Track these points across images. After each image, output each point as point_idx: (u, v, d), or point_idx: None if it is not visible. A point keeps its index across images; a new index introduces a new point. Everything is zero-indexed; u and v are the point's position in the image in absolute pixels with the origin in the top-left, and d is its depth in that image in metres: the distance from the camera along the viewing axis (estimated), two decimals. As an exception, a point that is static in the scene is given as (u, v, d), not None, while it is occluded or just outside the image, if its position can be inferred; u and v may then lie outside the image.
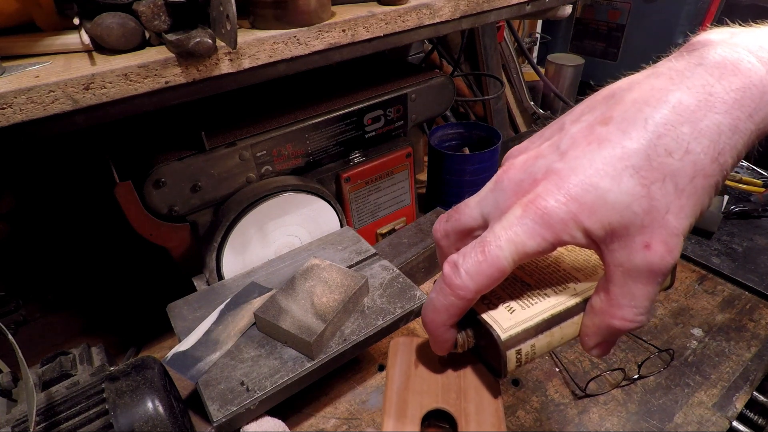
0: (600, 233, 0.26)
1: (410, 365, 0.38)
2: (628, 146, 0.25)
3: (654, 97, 0.25)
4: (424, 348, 0.39)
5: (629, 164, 0.25)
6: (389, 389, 0.36)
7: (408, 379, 0.37)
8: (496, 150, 0.83)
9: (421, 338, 0.40)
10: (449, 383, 0.36)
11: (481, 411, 0.34)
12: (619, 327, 0.27)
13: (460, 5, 0.59)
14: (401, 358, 0.38)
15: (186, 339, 0.55)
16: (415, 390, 0.36)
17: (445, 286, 0.29)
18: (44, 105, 0.37)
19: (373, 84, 0.74)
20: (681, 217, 0.25)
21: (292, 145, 0.65)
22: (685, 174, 0.24)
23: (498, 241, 0.27)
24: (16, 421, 0.41)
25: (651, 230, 0.25)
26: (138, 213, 0.56)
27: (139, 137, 0.63)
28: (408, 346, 0.39)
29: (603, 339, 0.29)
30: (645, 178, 0.24)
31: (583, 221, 0.25)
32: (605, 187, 0.25)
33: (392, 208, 0.82)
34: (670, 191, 0.24)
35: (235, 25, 0.40)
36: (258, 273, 0.65)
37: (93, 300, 0.78)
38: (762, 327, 0.68)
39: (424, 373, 0.37)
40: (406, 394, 0.35)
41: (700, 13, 1.28)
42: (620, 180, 0.25)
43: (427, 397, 0.35)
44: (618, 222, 0.25)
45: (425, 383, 0.36)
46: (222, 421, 0.48)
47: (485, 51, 1.10)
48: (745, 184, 0.97)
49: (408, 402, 0.35)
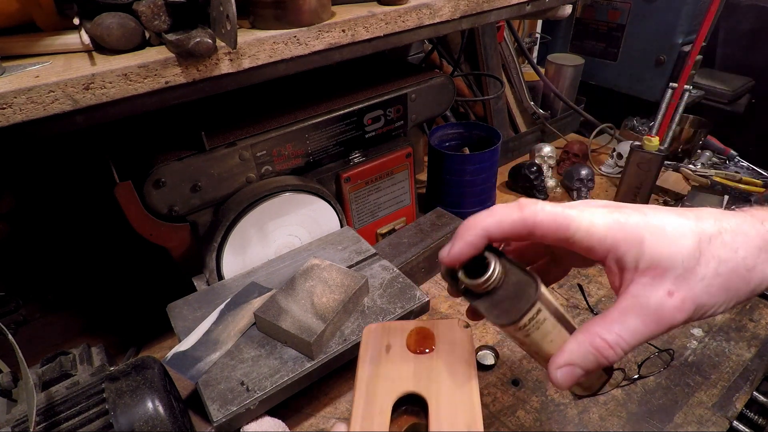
0: (640, 264, 0.29)
1: (381, 351, 0.36)
2: (700, 224, 0.30)
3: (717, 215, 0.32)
4: (397, 333, 0.37)
5: (696, 231, 0.29)
6: (359, 378, 0.34)
7: (379, 366, 0.35)
8: (496, 150, 0.83)
9: (393, 323, 0.39)
10: (421, 367, 0.35)
11: (454, 392, 0.33)
12: (597, 346, 0.29)
13: (460, 5, 0.59)
14: (373, 345, 0.37)
15: (186, 339, 0.55)
16: (387, 376, 0.34)
17: (518, 205, 0.31)
18: (44, 105, 0.37)
19: (373, 84, 0.73)
20: (707, 292, 0.29)
21: (292, 145, 0.65)
22: (727, 262, 0.29)
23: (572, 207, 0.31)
24: (16, 421, 0.41)
25: (681, 284, 0.28)
26: (138, 213, 0.56)
27: (139, 137, 0.63)
28: (379, 332, 0.38)
29: (574, 360, 0.30)
30: (701, 245, 0.29)
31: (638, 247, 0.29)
32: (669, 229, 0.29)
33: (392, 208, 0.82)
34: (712, 269, 0.29)
35: (235, 25, 0.40)
36: (258, 273, 0.65)
37: (93, 300, 0.78)
38: (762, 327, 0.68)
39: (396, 358, 0.36)
40: (376, 381, 0.34)
41: (700, 13, 1.28)
42: (683, 233, 0.29)
43: (399, 383, 0.34)
44: (663, 261, 0.28)
45: (396, 368, 0.35)
46: (222, 421, 0.48)
47: (485, 51, 1.10)
48: (745, 184, 0.97)
49: (378, 389, 0.33)
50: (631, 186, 0.90)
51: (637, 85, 1.44)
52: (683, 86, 0.96)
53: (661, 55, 1.35)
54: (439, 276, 0.80)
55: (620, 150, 1.07)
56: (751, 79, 1.42)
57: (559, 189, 1.03)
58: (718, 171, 1.02)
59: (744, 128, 1.42)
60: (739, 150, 1.12)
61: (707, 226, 0.30)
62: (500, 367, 0.64)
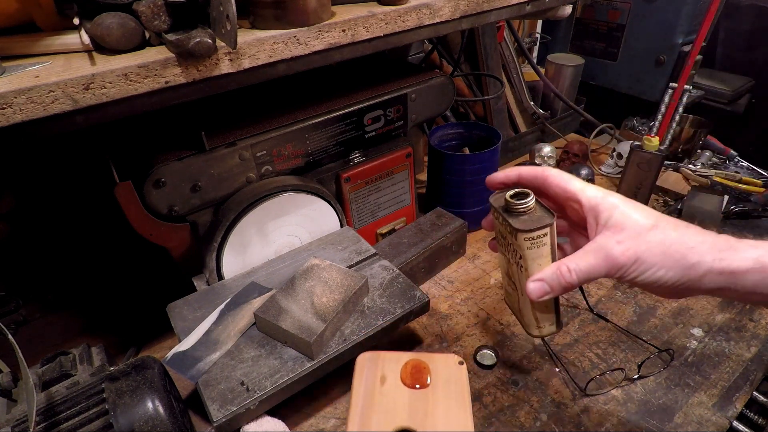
0: (608, 223, 0.41)
1: (375, 382, 0.37)
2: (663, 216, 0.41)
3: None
4: (391, 364, 0.37)
5: (657, 216, 0.41)
6: (353, 408, 0.35)
7: (373, 397, 0.35)
8: (496, 150, 0.83)
9: (388, 353, 0.39)
10: (417, 402, 0.35)
11: (449, 429, 0.33)
12: (561, 271, 0.41)
13: (460, 5, 0.59)
14: (367, 375, 0.37)
15: (186, 339, 0.55)
16: (381, 408, 0.34)
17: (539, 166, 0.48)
18: (44, 105, 0.37)
19: (373, 84, 0.74)
20: (647, 251, 0.39)
21: (292, 145, 0.65)
22: (671, 239, 0.39)
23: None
24: (16, 421, 0.41)
25: (630, 240, 0.39)
26: (138, 213, 0.56)
27: (139, 137, 0.63)
28: (374, 361, 0.38)
29: (545, 278, 0.42)
30: (657, 223, 0.40)
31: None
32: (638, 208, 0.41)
33: (392, 208, 0.82)
34: (657, 238, 0.39)
35: (235, 25, 0.40)
36: (258, 273, 0.65)
37: (93, 300, 0.78)
38: (762, 327, 0.68)
39: (391, 390, 0.36)
40: (370, 413, 0.34)
41: (700, 13, 1.28)
42: (647, 215, 0.40)
43: (393, 417, 0.34)
44: (623, 223, 0.40)
45: (391, 401, 0.35)
46: (222, 421, 0.48)
47: (485, 51, 1.10)
48: (745, 184, 0.97)
49: (372, 421, 0.34)
50: (631, 186, 0.90)
51: (637, 85, 1.44)
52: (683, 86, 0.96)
53: (661, 55, 1.35)
54: (439, 276, 0.80)
55: (620, 150, 1.07)
56: (751, 79, 1.42)
57: (559, 189, 1.03)
58: (718, 171, 1.02)
59: (744, 128, 1.42)
60: (739, 150, 1.12)
61: (670, 219, 0.41)
62: (500, 367, 0.64)
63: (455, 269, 0.82)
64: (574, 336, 0.68)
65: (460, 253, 0.85)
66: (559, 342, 0.67)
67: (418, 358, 0.38)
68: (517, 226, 0.43)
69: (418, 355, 0.38)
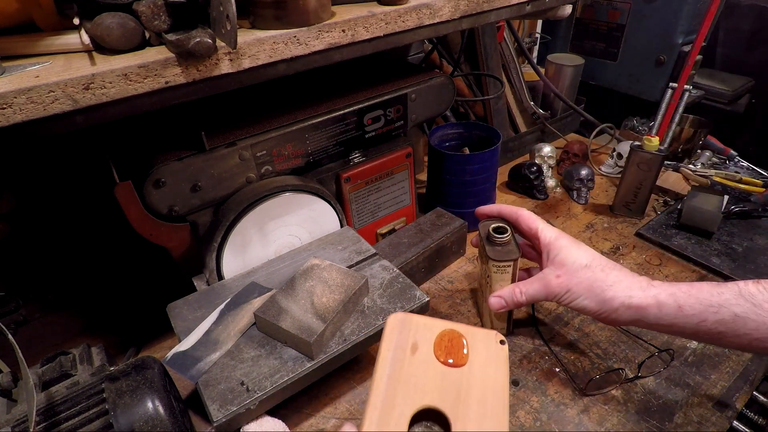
0: (555, 260, 0.56)
1: (406, 351, 0.31)
2: (598, 258, 0.56)
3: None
4: (426, 332, 0.32)
5: (593, 257, 0.55)
6: (378, 377, 0.29)
7: (402, 368, 0.30)
8: (496, 150, 0.83)
9: (422, 318, 0.33)
10: (450, 379, 0.30)
11: (482, 421, 0.28)
12: (514, 291, 0.58)
13: (460, 5, 0.59)
14: (398, 340, 0.32)
15: (186, 339, 0.55)
16: (409, 381, 0.29)
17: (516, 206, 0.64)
18: (44, 105, 0.37)
19: (373, 84, 0.74)
20: (577, 284, 0.54)
21: (292, 145, 0.65)
22: (596, 278, 0.53)
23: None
24: (16, 421, 0.41)
25: (565, 275, 0.54)
26: (138, 213, 0.56)
27: (139, 137, 0.63)
28: (406, 325, 0.33)
29: (503, 295, 0.59)
30: (591, 264, 0.54)
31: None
32: (581, 250, 0.56)
33: (392, 208, 0.82)
34: (586, 276, 0.54)
35: (235, 25, 0.40)
36: (258, 273, 0.65)
37: (93, 300, 0.78)
38: (762, 327, 0.68)
39: (423, 361, 0.31)
40: (396, 386, 0.29)
41: (700, 13, 1.28)
42: (585, 256, 0.55)
43: (422, 393, 0.29)
44: (564, 261, 0.55)
45: (422, 374, 0.30)
46: (222, 421, 0.48)
47: (485, 51, 1.10)
48: (745, 184, 0.97)
49: (397, 394, 0.29)
50: (631, 186, 0.90)
51: (637, 85, 1.44)
52: (683, 86, 0.96)
53: (661, 55, 1.35)
54: (439, 276, 0.80)
55: (620, 150, 1.07)
56: (751, 79, 1.42)
57: (559, 189, 1.03)
58: (718, 171, 1.02)
59: (744, 128, 1.42)
60: (739, 150, 1.12)
61: (603, 260, 0.54)
62: (500, 367, 0.64)
63: (455, 269, 0.82)
64: (574, 336, 0.68)
65: (460, 253, 0.85)
66: (559, 342, 0.67)
67: (455, 329, 0.33)
68: (490, 255, 0.59)
69: (455, 325, 0.33)
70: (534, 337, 0.68)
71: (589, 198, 1.00)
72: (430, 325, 0.34)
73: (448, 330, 0.33)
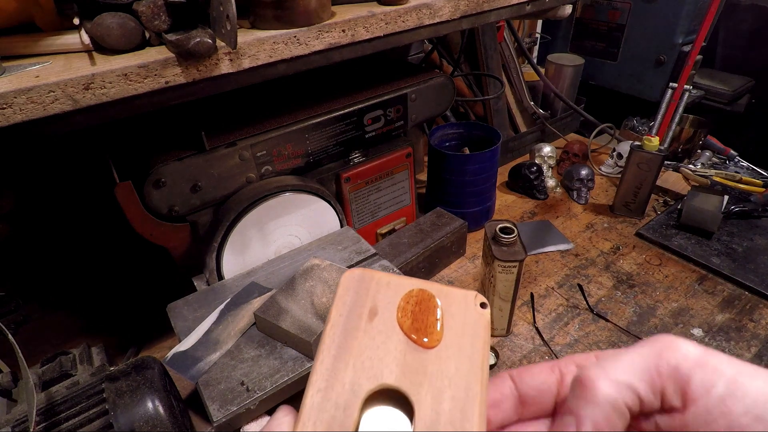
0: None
1: (363, 315, 0.24)
2: None
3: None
4: (388, 292, 0.25)
5: None
6: (325, 350, 0.23)
7: (356, 338, 0.24)
8: (496, 150, 0.83)
9: (385, 275, 0.26)
10: (417, 354, 0.24)
11: (455, 403, 0.22)
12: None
13: (460, 5, 0.59)
14: (353, 303, 0.25)
15: (186, 339, 0.55)
16: (363, 354, 0.23)
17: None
18: (44, 105, 0.37)
19: (373, 84, 0.74)
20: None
21: (292, 145, 0.65)
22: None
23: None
24: (16, 421, 0.41)
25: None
26: (138, 213, 0.56)
27: (140, 137, 0.63)
28: (367, 284, 0.26)
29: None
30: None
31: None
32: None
33: (392, 208, 0.82)
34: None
35: (235, 25, 0.40)
36: (258, 273, 0.65)
37: (93, 300, 0.78)
38: (762, 327, 0.68)
39: (381, 330, 0.24)
40: (347, 360, 0.23)
41: (700, 13, 1.28)
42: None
43: (379, 369, 0.23)
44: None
45: (380, 346, 0.23)
46: (222, 421, 0.48)
47: (485, 51, 1.10)
48: (745, 184, 0.97)
49: (347, 371, 0.22)
50: (631, 186, 0.90)
51: (637, 85, 1.44)
52: (683, 86, 0.96)
53: (661, 55, 1.35)
54: (439, 276, 0.81)
55: (620, 150, 1.07)
56: (751, 79, 1.42)
57: (559, 189, 1.03)
58: (718, 171, 1.02)
59: (744, 128, 1.42)
60: (739, 150, 1.12)
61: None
62: (500, 367, 0.64)
63: (455, 269, 0.82)
64: (574, 336, 0.68)
65: (460, 253, 0.85)
66: (559, 342, 0.67)
67: (425, 288, 0.26)
68: (497, 254, 0.60)
69: (426, 284, 0.26)
70: (534, 337, 0.68)
71: (589, 198, 1.00)
72: (395, 283, 0.26)
73: (417, 290, 0.26)
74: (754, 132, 1.41)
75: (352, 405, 0.22)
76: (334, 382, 0.22)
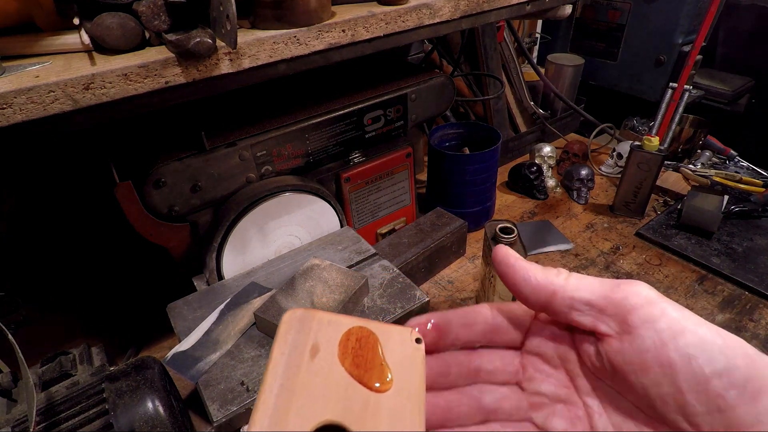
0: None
1: (304, 354, 0.26)
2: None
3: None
4: (329, 330, 0.27)
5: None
6: (267, 388, 0.24)
7: (297, 375, 0.25)
8: (496, 150, 0.83)
9: (326, 314, 0.28)
10: (356, 389, 0.25)
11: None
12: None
13: (460, 5, 0.59)
14: (294, 341, 0.26)
15: (186, 339, 0.55)
16: (305, 392, 0.24)
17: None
18: (44, 105, 0.37)
19: (373, 84, 0.74)
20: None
21: (292, 145, 0.65)
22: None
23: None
24: (16, 421, 0.41)
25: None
26: (138, 213, 0.56)
27: (139, 137, 0.63)
28: (305, 323, 0.27)
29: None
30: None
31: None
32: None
33: (392, 208, 0.82)
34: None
35: (235, 25, 0.40)
36: (258, 273, 0.65)
37: (93, 300, 0.78)
38: (762, 327, 0.68)
39: (323, 367, 0.25)
40: (290, 398, 0.24)
41: (700, 13, 1.28)
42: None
43: (321, 405, 0.24)
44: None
45: (322, 382, 0.25)
46: (222, 421, 0.48)
47: (485, 51, 1.10)
48: (745, 184, 0.97)
49: (291, 410, 0.23)
50: (631, 186, 0.90)
51: (637, 85, 1.44)
52: (683, 86, 0.96)
53: (661, 55, 1.35)
54: (439, 276, 0.80)
55: (620, 150, 1.07)
56: (751, 79, 1.42)
57: (559, 189, 1.03)
58: (718, 171, 1.02)
59: (744, 128, 1.42)
60: (739, 150, 1.12)
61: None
62: (500, 367, 0.64)
63: (455, 269, 0.82)
64: (574, 336, 0.68)
65: (460, 253, 0.85)
66: (559, 342, 0.67)
67: (364, 326, 0.27)
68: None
69: (366, 322, 0.27)
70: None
71: (589, 198, 1.00)
72: (335, 321, 0.27)
73: (357, 327, 0.27)
74: (754, 132, 1.41)
75: None
76: (278, 420, 0.23)
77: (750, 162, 1.10)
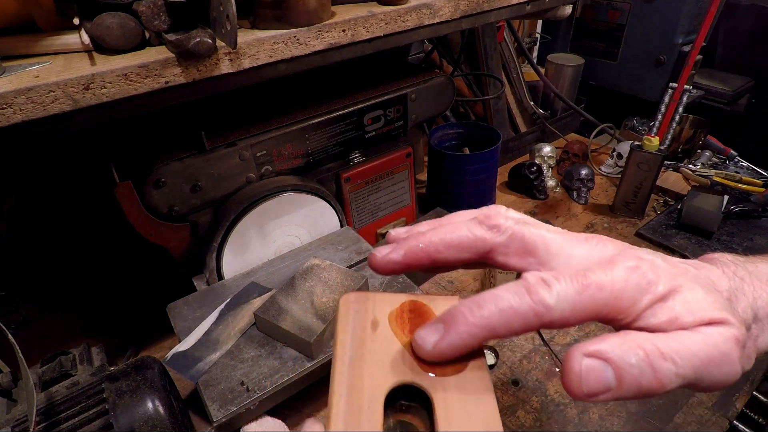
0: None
1: (366, 328, 0.28)
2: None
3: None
4: (385, 306, 0.29)
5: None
6: (339, 362, 0.26)
7: (364, 346, 0.27)
8: (496, 150, 0.83)
9: (378, 294, 0.30)
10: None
11: (466, 386, 0.25)
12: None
13: (460, 5, 0.59)
14: (355, 320, 0.28)
15: (186, 339, 0.55)
16: (374, 360, 0.26)
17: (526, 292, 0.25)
18: (44, 105, 0.37)
19: (373, 84, 0.74)
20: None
21: (292, 145, 0.65)
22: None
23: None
24: (16, 421, 0.41)
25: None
26: (138, 213, 0.56)
27: (140, 137, 0.63)
28: (362, 303, 0.29)
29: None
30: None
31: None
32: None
33: (392, 208, 0.82)
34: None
35: (235, 25, 0.40)
36: (258, 273, 0.65)
37: (93, 300, 0.78)
38: (762, 327, 0.68)
39: (386, 337, 0.27)
40: (361, 366, 0.25)
41: (701, 13, 1.28)
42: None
43: (391, 369, 0.25)
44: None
45: (387, 351, 0.26)
46: (222, 421, 0.48)
47: (485, 51, 1.10)
48: (745, 184, 0.97)
49: (365, 376, 0.25)
50: (631, 186, 0.90)
51: (637, 85, 1.44)
52: (683, 86, 0.96)
53: (661, 55, 1.35)
54: (439, 276, 0.80)
55: (620, 150, 1.07)
56: (751, 79, 1.42)
57: (559, 189, 1.03)
58: (718, 171, 1.02)
59: (744, 128, 1.42)
60: (739, 150, 1.12)
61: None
62: (500, 367, 0.64)
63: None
64: (574, 336, 0.68)
65: (460, 253, 0.84)
66: (559, 342, 0.67)
67: (416, 299, 0.29)
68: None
69: (415, 296, 0.30)
70: (534, 337, 0.68)
71: (589, 198, 1.00)
72: (388, 298, 0.30)
73: (408, 301, 0.29)
74: (754, 132, 1.41)
75: (375, 406, 0.24)
76: (354, 387, 0.25)
77: (750, 162, 1.10)
